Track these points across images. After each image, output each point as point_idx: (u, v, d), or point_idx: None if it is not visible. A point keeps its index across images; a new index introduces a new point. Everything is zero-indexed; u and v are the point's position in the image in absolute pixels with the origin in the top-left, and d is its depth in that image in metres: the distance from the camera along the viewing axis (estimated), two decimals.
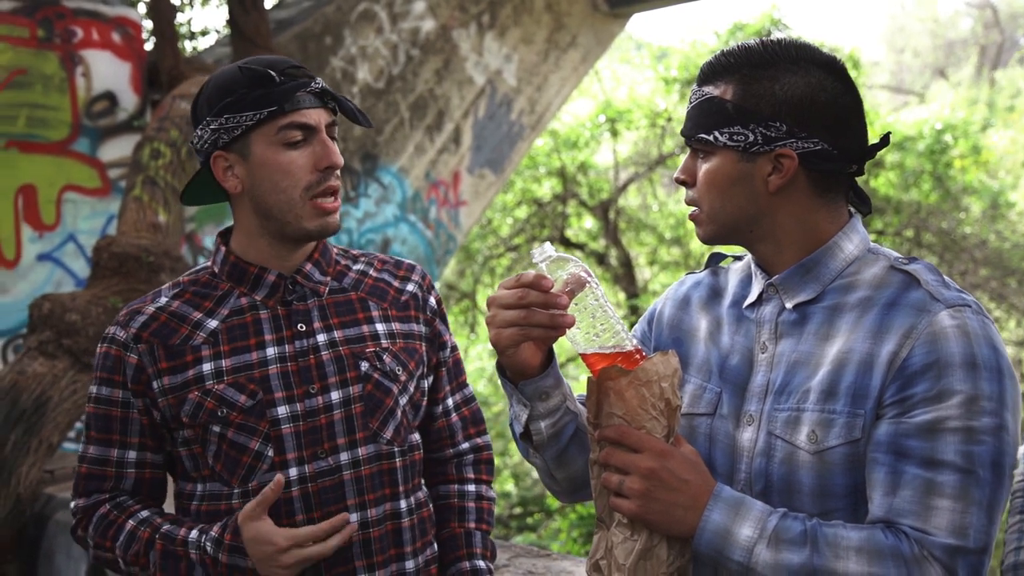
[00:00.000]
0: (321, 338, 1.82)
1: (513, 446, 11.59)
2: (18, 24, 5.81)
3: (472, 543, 1.96)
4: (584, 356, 1.46)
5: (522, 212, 13.91)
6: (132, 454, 1.83)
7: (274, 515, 1.76)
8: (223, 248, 1.86)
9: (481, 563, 1.95)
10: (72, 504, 1.88)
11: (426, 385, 1.94)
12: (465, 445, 2.02)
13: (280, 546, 1.68)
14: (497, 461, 12.15)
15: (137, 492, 1.87)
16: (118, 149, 6.18)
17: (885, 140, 1.48)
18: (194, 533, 1.76)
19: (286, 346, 1.81)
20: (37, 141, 5.90)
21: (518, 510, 11.38)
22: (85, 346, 4.27)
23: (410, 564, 1.86)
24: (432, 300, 1.97)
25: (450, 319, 14.59)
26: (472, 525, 1.98)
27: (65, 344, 4.25)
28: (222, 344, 1.80)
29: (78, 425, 5.93)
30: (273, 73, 1.74)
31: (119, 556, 1.81)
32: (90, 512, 1.85)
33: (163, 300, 1.84)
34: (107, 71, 6.18)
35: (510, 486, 11.87)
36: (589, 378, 1.45)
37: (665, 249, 14.39)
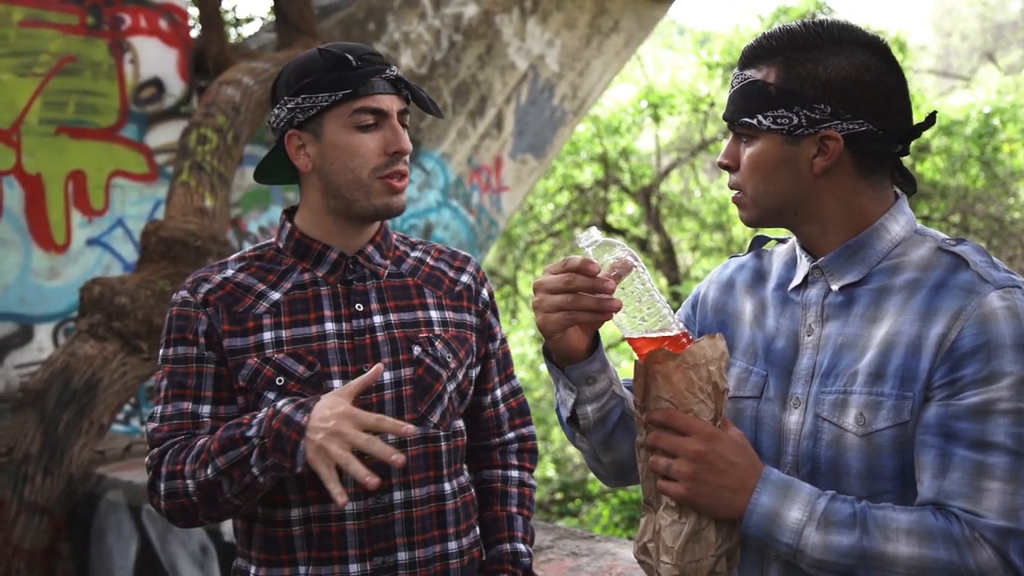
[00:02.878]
0: (377, 319, 1.85)
1: (555, 432, 11.61)
2: (68, 12, 5.88)
3: (514, 527, 1.99)
4: (631, 340, 1.46)
5: (563, 198, 13.88)
6: (206, 408, 1.83)
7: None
8: (288, 224, 1.91)
9: (521, 546, 1.98)
10: (146, 460, 1.84)
11: (474, 375, 1.97)
12: (511, 435, 2.05)
13: (343, 411, 1.62)
14: (539, 447, 12.18)
15: None
16: (165, 135, 6.26)
17: (931, 119, 1.47)
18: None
19: (343, 324, 1.84)
20: (86, 127, 5.98)
21: (559, 495, 11.39)
22: (134, 329, 4.33)
23: (453, 545, 1.88)
24: (484, 292, 2.00)
25: None
26: (514, 509, 2.01)
27: (115, 327, 4.31)
28: (283, 315, 1.83)
29: (127, 407, 6.03)
30: (350, 57, 1.79)
31: (187, 476, 1.74)
32: (163, 455, 1.80)
33: (229, 271, 1.88)
34: (154, 58, 6.25)
35: (551, 472, 11.89)
36: (636, 361, 1.45)
37: (707, 235, 14.30)
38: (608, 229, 13.61)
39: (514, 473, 2.04)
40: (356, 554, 1.80)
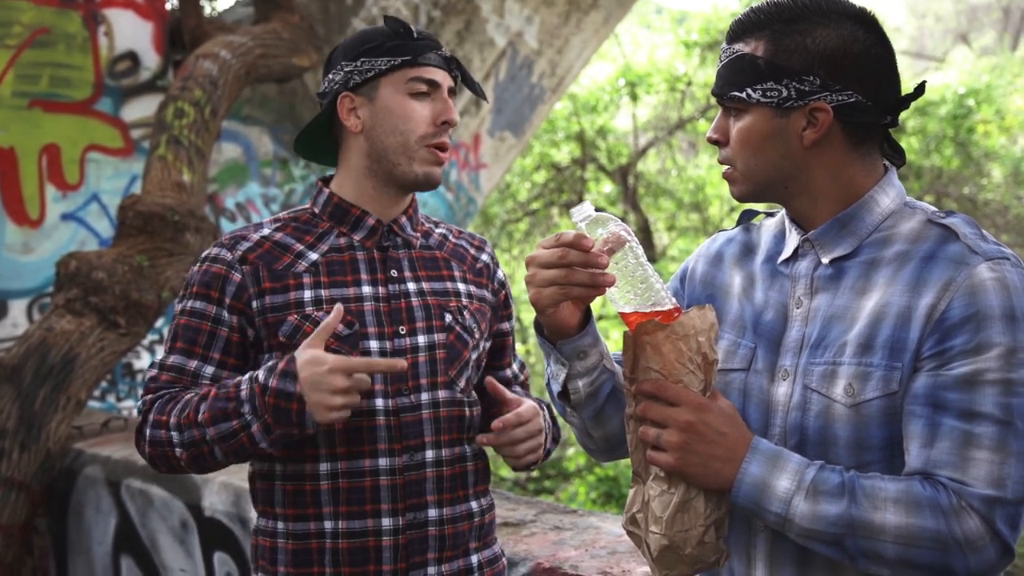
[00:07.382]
0: (411, 286, 1.93)
1: None
2: None
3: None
4: (623, 315, 1.47)
5: (541, 176, 13.87)
6: (209, 369, 1.88)
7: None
8: (325, 190, 1.97)
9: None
10: (140, 402, 1.91)
11: (486, 348, 2.04)
12: (518, 388, 2.14)
13: (331, 366, 1.70)
14: None
15: None
16: (141, 109, 6.19)
17: (920, 90, 1.48)
18: (247, 375, 1.79)
19: (379, 288, 1.91)
20: (60, 100, 5.91)
21: (536, 473, 11.43)
22: (112, 304, 4.30)
23: (474, 505, 1.96)
24: (500, 273, 2.10)
25: None
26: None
27: (92, 302, 4.28)
28: (322, 275, 1.89)
29: (104, 384, 5.99)
30: (412, 28, 1.91)
31: (172, 428, 1.80)
32: (154, 403, 1.87)
33: (266, 231, 1.94)
34: (129, 30, 6.18)
35: None
36: (626, 332, 1.46)
37: (684, 214, 14.33)
38: None
39: (518, 389, 2.13)
40: (389, 508, 1.85)
